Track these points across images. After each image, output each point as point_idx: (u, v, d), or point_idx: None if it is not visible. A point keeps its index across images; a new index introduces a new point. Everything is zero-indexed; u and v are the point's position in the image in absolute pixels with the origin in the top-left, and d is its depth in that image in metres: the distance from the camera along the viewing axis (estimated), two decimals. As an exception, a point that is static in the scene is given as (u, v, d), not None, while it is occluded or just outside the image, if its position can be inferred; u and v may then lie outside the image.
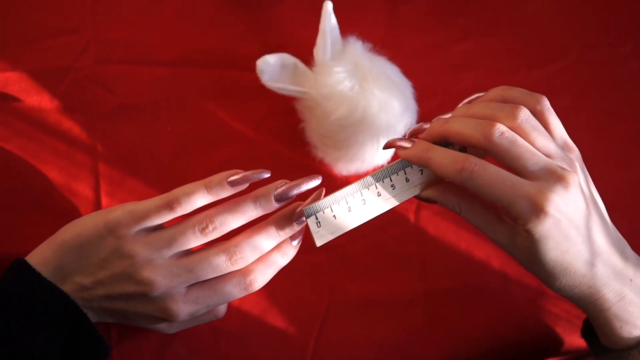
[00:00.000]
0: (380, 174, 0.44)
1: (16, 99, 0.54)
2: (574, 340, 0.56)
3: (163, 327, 0.47)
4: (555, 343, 0.57)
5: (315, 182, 0.44)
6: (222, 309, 0.49)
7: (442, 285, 0.56)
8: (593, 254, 0.41)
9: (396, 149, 0.44)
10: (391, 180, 0.44)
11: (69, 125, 0.54)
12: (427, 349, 0.55)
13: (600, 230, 0.42)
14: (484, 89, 0.59)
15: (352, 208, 0.43)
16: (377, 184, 0.44)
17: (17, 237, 0.51)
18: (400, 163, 0.44)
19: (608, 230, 0.43)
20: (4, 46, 0.54)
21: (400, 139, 0.44)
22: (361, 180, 0.43)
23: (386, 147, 0.44)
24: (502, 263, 0.57)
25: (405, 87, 0.53)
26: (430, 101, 0.58)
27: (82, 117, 0.54)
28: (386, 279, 0.56)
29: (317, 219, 0.43)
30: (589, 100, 0.61)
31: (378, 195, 0.44)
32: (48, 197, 0.53)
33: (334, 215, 0.43)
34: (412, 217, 0.57)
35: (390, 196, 0.44)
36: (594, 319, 0.44)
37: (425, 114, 0.56)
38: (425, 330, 0.55)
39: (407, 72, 0.55)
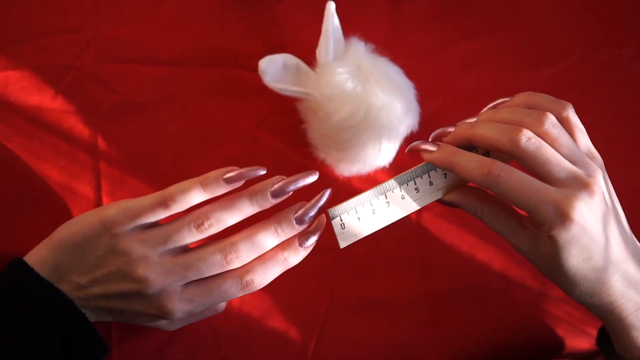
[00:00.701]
0: (405, 177, 0.44)
1: (17, 98, 0.53)
2: (575, 342, 0.56)
3: (163, 324, 0.47)
4: (556, 345, 0.57)
5: (312, 178, 0.43)
6: (222, 303, 0.48)
7: (443, 286, 0.56)
8: (614, 262, 0.41)
9: (421, 152, 0.44)
10: (415, 184, 0.44)
11: (70, 124, 0.54)
12: (429, 350, 0.55)
13: (621, 239, 0.42)
14: (487, 89, 0.59)
15: (376, 210, 0.44)
16: (401, 187, 0.44)
17: (18, 236, 0.51)
18: (425, 166, 0.44)
19: (628, 239, 0.43)
20: (5, 45, 0.54)
21: (424, 142, 0.44)
22: (385, 183, 0.44)
23: (410, 151, 0.44)
24: (503, 265, 0.57)
25: (407, 88, 0.53)
26: (433, 101, 0.58)
27: (83, 116, 0.54)
28: (387, 280, 0.56)
29: (341, 220, 0.43)
30: (592, 101, 0.61)
31: (402, 198, 0.44)
32: (49, 197, 0.53)
33: (359, 218, 0.44)
34: (413, 218, 0.57)
35: (413, 199, 0.44)
36: (610, 327, 0.44)
37: (427, 114, 0.56)
38: (426, 332, 0.55)
39: (410, 72, 0.55)
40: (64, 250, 0.43)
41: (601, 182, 0.41)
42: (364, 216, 0.44)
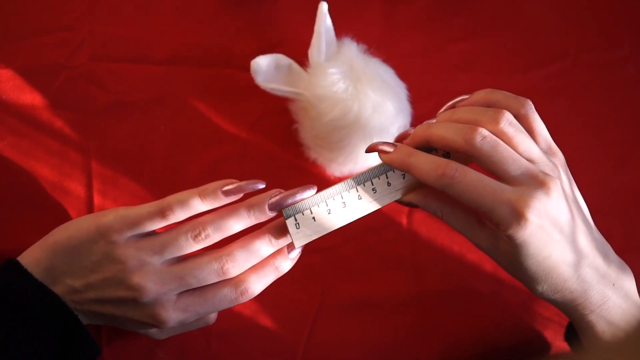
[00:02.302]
0: (362, 177, 0.43)
1: (9, 96, 0.53)
2: (564, 343, 0.56)
3: (153, 332, 0.47)
4: (545, 346, 0.57)
5: (310, 192, 0.43)
6: (213, 315, 0.48)
7: (434, 287, 0.56)
8: (576, 258, 0.41)
9: (378, 152, 0.43)
10: (372, 184, 0.43)
11: (62, 123, 0.54)
12: (419, 350, 0.55)
13: (583, 235, 0.42)
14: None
15: (332, 210, 0.43)
16: (358, 187, 0.43)
17: (9, 235, 0.51)
18: (382, 167, 0.43)
19: (591, 234, 0.43)
20: (-3, 42, 0.54)
21: (382, 143, 0.43)
22: (342, 183, 0.43)
23: (368, 150, 0.44)
24: (494, 266, 0.56)
25: (399, 89, 0.53)
26: (426, 102, 0.57)
27: (75, 114, 0.54)
28: (378, 280, 0.56)
29: (296, 220, 0.43)
30: (586, 103, 0.60)
31: (359, 199, 0.43)
32: (40, 195, 0.53)
33: (314, 217, 0.43)
34: (404, 219, 0.57)
35: (371, 200, 0.43)
36: (577, 322, 0.45)
37: (420, 115, 0.56)
38: (417, 332, 0.55)
39: (403, 73, 0.55)
40: (58, 253, 0.43)
41: (560, 179, 0.40)
42: (320, 216, 0.43)
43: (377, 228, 0.56)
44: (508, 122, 0.41)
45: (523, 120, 0.42)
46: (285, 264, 0.45)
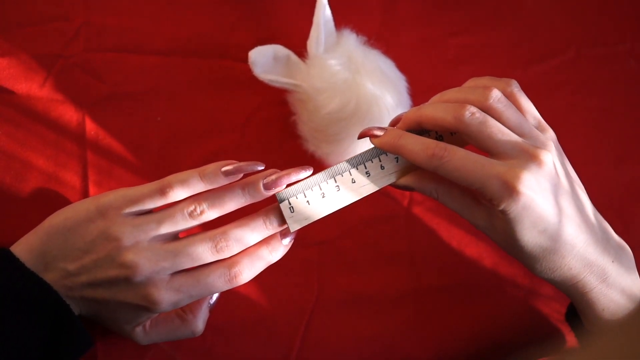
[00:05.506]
0: (355, 161, 0.43)
1: (4, 86, 0.53)
2: (564, 340, 0.56)
3: (138, 333, 0.47)
4: (545, 343, 0.56)
5: (306, 173, 0.43)
6: (200, 326, 0.48)
7: (432, 282, 0.56)
8: (572, 234, 0.41)
9: (369, 137, 0.44)
10: (365, 167, 0.44)
11: (58, 113, 0.53)
12: (416, 346, 0.55)
13: (580, 210, 0.41)
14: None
15: (325, 194, 0.43)
16: (351, 171, 0.43)
17: (3, 226, 0.51)
18: (375, 150, 0.44)
19: (587, 210, 0.42)
20: (-7, 32, 0.53)
21: (373, 127, 0.44)
22: (335, 167, 0.43)
23: (360, 136, 0.44)
24: (493, 262, 0.56)
25: (398, 81, 0.53)
26: (425, 96, 0.57)
27: (71, 105, 0.54)
28: (376, 275, 0.55)
29: (290, 204, 0.43)
30: (587, 98, 0.60)
31: (352, 182, 0.43)
32: (35, 186, 0.52)
33: (308, 201, 0.43)
34: (403, 213, 0.56)
35: (364, 183, 0.43)
36: (576, 302, 0.44)
37: (419, 109, 0.56)
38: (414, 328, 0.55)
39: (402, 66, 0.55)
40: (53, 236, 0.43)
41: (551, 152, 0.40)
42: (313, 200, 0.43)
43: (375, 222, 0.56)
44: (497, 99, 0.41)
45: (510, 98, 0.42)
46: (279, 249, 0.45)
